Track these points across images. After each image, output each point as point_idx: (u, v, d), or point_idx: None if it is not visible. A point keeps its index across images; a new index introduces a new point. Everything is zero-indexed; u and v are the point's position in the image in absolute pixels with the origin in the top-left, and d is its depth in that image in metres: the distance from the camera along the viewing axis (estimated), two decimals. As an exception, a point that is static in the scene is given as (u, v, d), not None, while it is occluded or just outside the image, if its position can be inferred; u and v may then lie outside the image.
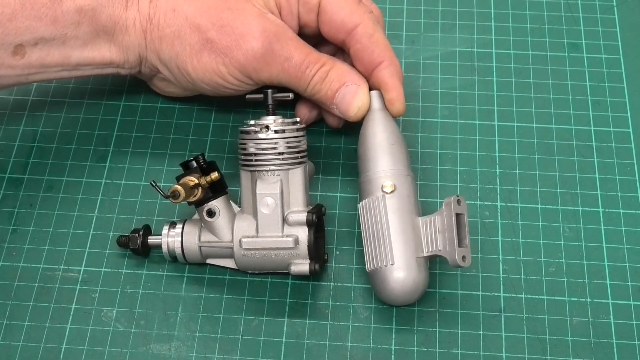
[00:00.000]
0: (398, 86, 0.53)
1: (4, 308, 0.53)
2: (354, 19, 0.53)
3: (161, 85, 0.59)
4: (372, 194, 0.51)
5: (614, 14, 0.66)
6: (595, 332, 0.52)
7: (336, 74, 0.53)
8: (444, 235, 0.49)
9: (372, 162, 0.52)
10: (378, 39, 0.53)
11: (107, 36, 0.53)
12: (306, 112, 0.57)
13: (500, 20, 0.66)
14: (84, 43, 0.52)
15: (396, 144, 0.52)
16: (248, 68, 0.52)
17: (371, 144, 0.52)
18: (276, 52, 0.51)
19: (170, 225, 0.53)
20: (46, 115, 0.61)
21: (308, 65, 0.52)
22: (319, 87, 0.53)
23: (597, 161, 0.59)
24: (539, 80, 0.63)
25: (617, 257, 0.54)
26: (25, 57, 0.51)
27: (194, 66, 0.52)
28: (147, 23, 0.53)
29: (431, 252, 0.50)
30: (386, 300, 0.51)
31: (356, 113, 0.53)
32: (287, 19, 0.54)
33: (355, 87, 0.53)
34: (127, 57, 0.54)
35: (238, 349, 0.51)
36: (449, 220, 0.49)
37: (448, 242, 0.48)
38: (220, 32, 0.51)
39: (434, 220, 0.50)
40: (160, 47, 0.53)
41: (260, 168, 0.50)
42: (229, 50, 0.51)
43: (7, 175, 0.58)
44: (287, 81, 0.53)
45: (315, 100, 0.54)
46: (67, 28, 0.51)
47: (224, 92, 0.54)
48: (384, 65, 0.53)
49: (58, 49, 0.52)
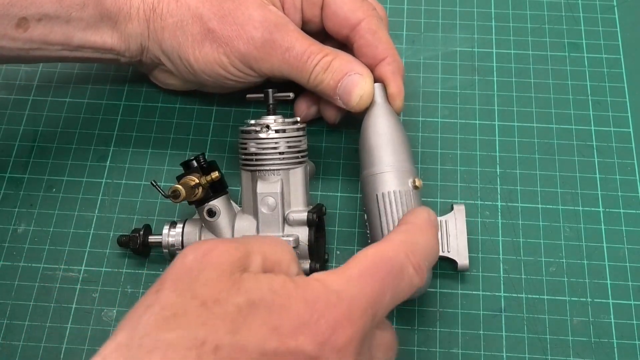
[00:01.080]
0: (400, 82, 0.53)
1: (4, 308, 0.53)
2: (358, 14, 0.53)
3: (162, 77, 0.59)
4: (390, 186, 0.49)
5: (614, 14, 0.66)
6: (596, 331, 0.52)
7: (339, 63, 0.52)
8: (455, 239, 0.52)
9: (390, 155, 0.50)
10: (381, 36, 0.53)
11: (111, 22, 0.53)
12: (305, 109, 0.57)
13: (500, 20, 0.66)
14: (87, 25, 0.53)
15: (404, 138, 0.52)
16: (249, 58, 0.52)
17: (376, 136, 0.51)
18: (277, 42, 0.51)
19: (170, 225, 0.53)
20: (46, 115, 0.61)
21: (310, 55, 0.52)
22: (321, 77, 0.52)
23: (598, 161, 0.59)
24: (539, 80, 0.63)
25: (618, 257, 0.55)
26: (28, 32, 0.51)
27: (196, 56, 0.52)
28: (151, 12, 0.53)
29: (440, 253, 0.51)
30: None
31: (358, 102, 0.52)
32: (290, 12, 0.54)
33: (358, 76, 0.52)
34: (128, 46, 0.54)
35: (238, 348, 0.51)
36: (461, 225, 0.52)
37: (459, 247, 0.52)
38: (222, 22, 0.51)
39: (440, 222, 0.52)
40: (162, 37, 0.53)
41: (260, 168, 0.50)
42: (230, 40, 0.51)
43: (7, 175, 0.58)
44: (288, 72, 0.52)
45: (318, 92, 0.54)
46: (72, 8, 0.52)
47: (226, 83, 0.54)
48: (387, 62, 0.53)
49: (61, 28, 0.52)
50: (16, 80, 0.63)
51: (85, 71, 0.64)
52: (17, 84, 0.63)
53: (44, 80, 0.63)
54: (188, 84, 0.58)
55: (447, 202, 0.57)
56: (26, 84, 0.63)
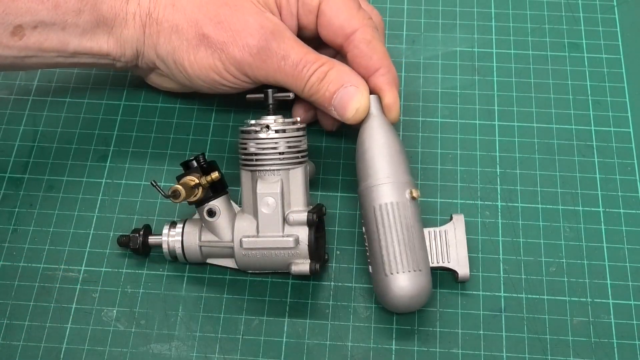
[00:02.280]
0: (395, 93, 0.53)
1: (4, 308, 0.53)
2: (353, 23, 0.53)
3: (159, 81, 0.59)
4: (387, 198, 0.49)
5: (614, 14, 0.66)
6: (596, 332, 0.52)
7: (335, 75, 0.52)
8: (455, 249, 0.51)
9: (386, 166, 0.50)
10: (376, 46, 0.53)
11: (107, 28, 0.53)
12: (302, 113, 0.57)
13: (500, 20, 0.66)
14: (83, 32, 0.53)
15: (401, 149, 0.52)
16: (244, 64, 0.51)
17: (372, 149, 0.51)
18: (272, 50, 0.51)
19: (170, 225, 0.53)
20: (46, 115, 0.61)
21: (305, 64, 0.51)
22: (316, 88, 0.52)
23: (598, 161, 0.59)
24: (539, 80, 0.63)
25: (618, 257, 0.54)
26: (24, 39, 0.51)
27: (190, 61, 0.52)
28: (147, 17, 0.53)
29: (439, 264, 0.51)
30: (401, 306, 0.49)
31: (354, 115, 0.52)
32: (287, 19, 0.54)
33: (354, 88, 0.51)
34: (123, 51, 0.54)
35: (238, 348, 0.51)
36: (460, 235, 0.52)
37: (460, 257, 0.51)
38: (217, 28, 0.51)
39: (440, 232, 0.51)
40: (158, 41, 0.53)
41: (260, 168, 0.50)
42: (225, 45, 0.51)
43: (7, 175, 0.58)
44: (283, 81, 0.52)
45: (312, 102, 0.53)
46: (68, 15, 0.52)
47: (221, 89, 0.54)
48: (380, 73, 0.52)
49: (57, 35, 0.52)
50: (16, 80, 0.63)
51: (85, 71, 0.64)
52: (17, 84, 0.63)
53: (44, 80, 0.63)
54: (185, 88, 0.58)
55: (447, 202, 0.57)
56: (26, 84, 0.63)
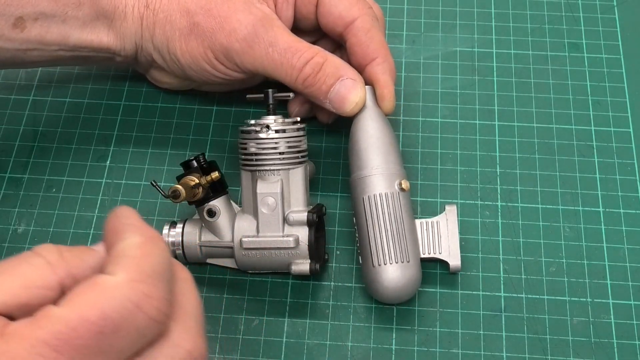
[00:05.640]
0: (390, 83, 0.53)
1: (4, 308, 0.53)
2: (353, 12, 0.53)
3: (158, 76, 0.59)
4: (376, 189, 0.50)
5: (614, 14, 0.66)
6: (596, 332, 0.52)
7: (331, 67, 0.51)
8: (447, 240, 0.51)
9: (377, 157, 0.51)
10: (374, 35, 0.53)
11: (107, 21, 0.53)
12: (296, 107, 0.57)
13: (500, 20, 0.66)
14: (83, 24, 0.53)
15: (393, 140, 0.52)
16: (231, 51, 0.51)
17: (364, 140, 0.51)
18: (260, 36, 0.51)
19: (170, 225, 0.53)
20: (47, 115, 0.61)
21: (295, 52, 0.51)
22: (311, 80, 0.51)
23: (598, 161, 0.59)
24: (539, 80, 0.63)
25: (618, 257, 0.54)
26: (25, 32, 0.51)
27: (183, 51, 0.52)
28: (144, 9, 0.53)
29: (431, 255, 0.51)
30: (388, 297, 0.50)
31: (352, 109, 0.52)
32: (283, 8, 0.54)
33: (352, 81, 0.51)
34: (123, 45, 0.54)
35: (238, 348, 0.51)
36: (452, 226, 0.52)
37: (451, 248, 0.51)
38: (207, 16, 0.51)
39: (432, 223, 0.51)
40: (153, 32, 0.53)
41: (260, 168, 0.50)
42: (212, 32, 0.51)
43: (7, 175, 0.58)
44: (272, 69, 0.51)
45: (306, 94, 0.52)
46: (69, 7, 0.52)
47: (213, 80, 0.54)
48: (377, 62, 0.53)
49: (57, 27, 0.52)
50: (16, 80, 0.63)
51: (85, 71, 0.64)
52: (17, 84, 0.63)
53: (44, 80, 0.63)
54: (183, 83, 0.58)
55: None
56: (26, 84, 0.63)
